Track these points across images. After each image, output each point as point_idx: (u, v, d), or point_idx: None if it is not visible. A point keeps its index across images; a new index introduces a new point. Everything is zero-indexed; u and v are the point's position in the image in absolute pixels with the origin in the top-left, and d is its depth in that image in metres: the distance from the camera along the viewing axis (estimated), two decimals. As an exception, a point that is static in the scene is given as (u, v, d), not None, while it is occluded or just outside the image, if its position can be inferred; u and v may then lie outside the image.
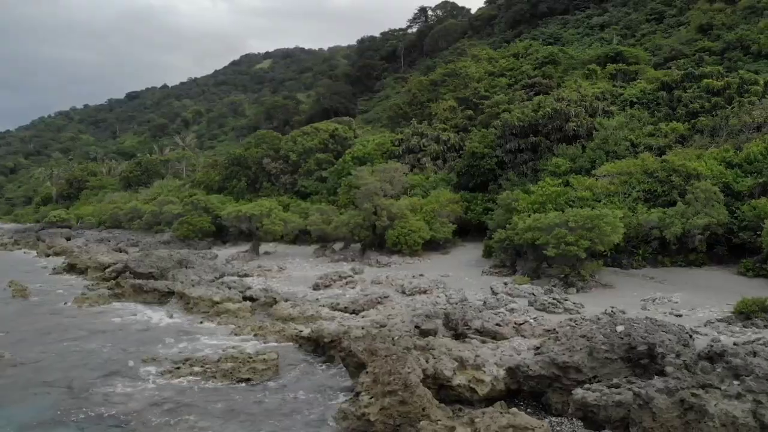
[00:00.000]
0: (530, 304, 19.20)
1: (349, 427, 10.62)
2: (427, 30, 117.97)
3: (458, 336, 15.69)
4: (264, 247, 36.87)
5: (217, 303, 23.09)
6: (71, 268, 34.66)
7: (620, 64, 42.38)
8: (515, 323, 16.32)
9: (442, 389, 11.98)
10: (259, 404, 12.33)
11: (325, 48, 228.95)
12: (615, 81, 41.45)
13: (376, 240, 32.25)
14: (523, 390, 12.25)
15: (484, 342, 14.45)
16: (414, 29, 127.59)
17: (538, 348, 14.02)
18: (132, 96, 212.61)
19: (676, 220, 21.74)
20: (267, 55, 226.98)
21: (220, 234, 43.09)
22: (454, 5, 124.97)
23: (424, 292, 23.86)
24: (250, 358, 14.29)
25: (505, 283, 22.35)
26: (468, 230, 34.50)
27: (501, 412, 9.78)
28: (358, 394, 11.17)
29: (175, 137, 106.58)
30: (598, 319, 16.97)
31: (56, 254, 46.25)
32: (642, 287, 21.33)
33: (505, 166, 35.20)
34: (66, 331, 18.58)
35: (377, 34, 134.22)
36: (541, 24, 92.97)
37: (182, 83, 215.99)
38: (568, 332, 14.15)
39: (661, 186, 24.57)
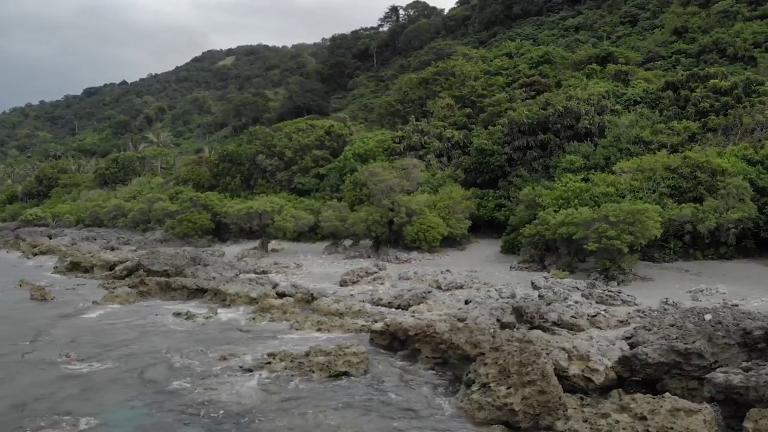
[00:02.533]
0: (585, 296, 19.53)
1: (487, 418, 10.61)
2: (399, 29, 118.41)
3: (534, 329, 15.83)
4: (270, 245, 36.42)
5: (254, 299, 22.80)
6: (74, 267, 33.50)
7: (619, 65, 43.33)
8: (588, 315, 16.60)
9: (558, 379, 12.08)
10: (373, 397, 12.17)
11: (289, 45, 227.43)
12: (609, 81, 42.45)
13: (392, 236, 32.21)
14: (632, 378, 12.48)
15: (572, 334, 14.64)
16: (385, 28, 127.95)
17: (629, 338, 14.30)
18: (90, 92, 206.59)
19: (710, 215, 22.42)
20: (230, 52, 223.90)
21: (219, 231, 42.35)
22: (426, 5, 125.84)
23: (461, 287, 24.01)
24: (341, 351, 14.09)
25: (545, 278, 22.62)
26: (479, 226, 34.83)
27: (655, 397, 9.92)
28: (485, 385, 11.17)
29: (148, 134, 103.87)
30: (665, 309, 17.43)
31: (42, 253, 44.67)
32: (680, 280, 21.95)
33: (514, 163, 35.64)
34: (119, 332, 17.94)
35: (344, 32, 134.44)
36: (516, 25, 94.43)
37: (142, 79, 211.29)
38: (656, 322, 14.46)
39: (686, 182, 25.28)
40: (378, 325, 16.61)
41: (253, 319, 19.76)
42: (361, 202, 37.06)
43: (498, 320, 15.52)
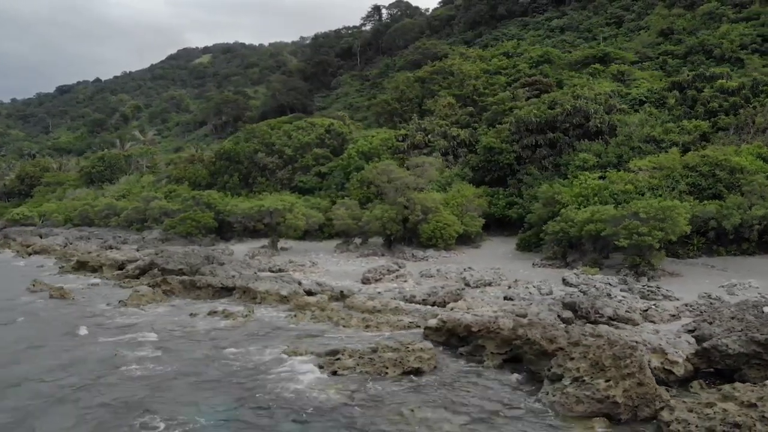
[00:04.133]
0: (624, 292, 19.77)
1: (587, 411, 10.67)
2: (383, 28, 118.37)
3: (590, 324, 15.98)
4: (279, 243, 36.12)
5: (285, 297, 22.61)
6: (81, 267, 32.78)
7: (617, 65, 43.92)
8: (640, 310, 16.81)
9: (639, 372, 12.21)
10: (455, 393, 12.14)
11: (266, 44, 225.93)
12: (611, 80, 43.04)
13: (407, 234, 32.20)
14: (706, 370, 12.69)
15: (634, 328, 14.82)
16: (368, 27, 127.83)
17: (692, 331, 14.54)
18: (63, 90, 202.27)
19: (734, 212, 22.88)
20: (206, 50, 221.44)
21: (221, 230, 41.85)
22: (408, 4, 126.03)
23: (489, 284, 24.16)
24: (408, 348, 14.04)
25: (576, 274, 22.84)
26: (489, 225, 35.01)
27: (756, 386, 10.08)
28: (577, 379, 11.24)
29: (135, 132, 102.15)
30: (710, 303, 17.74)
31: (36, 253, 43.69)
32: (709, 275, 22.36)
33: (523, 161, 35.91)
34: (162, 331, 17.59)
35: (322, 31, 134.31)
36: (501, 26, 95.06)
37: (116, 77, 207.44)
38: (715, 315, 14.75)
39: (705, 180, 25.76)
40: (433, 322, 16.57)
41: (295, 316, 19.55)
42: (368, 200, 37.02)
43: (558, 316, 15.61)
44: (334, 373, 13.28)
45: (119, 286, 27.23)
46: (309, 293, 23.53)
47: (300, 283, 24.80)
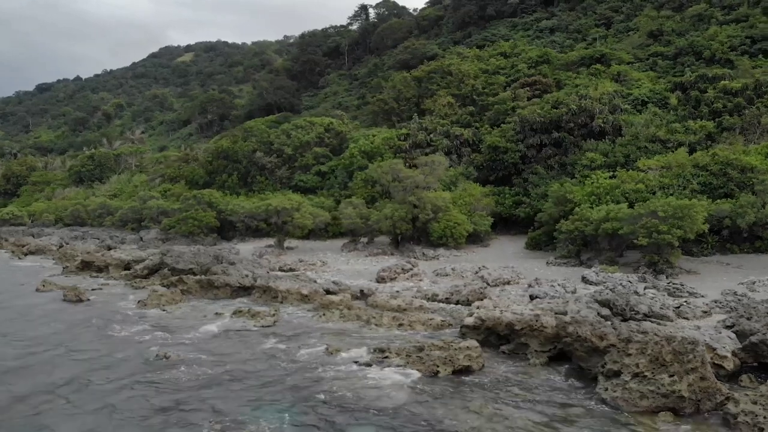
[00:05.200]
0: (651, 289, 20.01)
1: (652, 405, 10.83)
2: (370, 28, 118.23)
3: (625, 321, 16.16)
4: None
5: (306, 296, 22.56)
6: (86, 267, 32.30)
7: (617, 66, 44.42)
8: (673, 307, 17.05)
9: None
10: (512, 390, 12.23)
11: (249, 42, 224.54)
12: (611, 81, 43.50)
13: (416, 233, 32.27)
14: (751, 364, 12.97)
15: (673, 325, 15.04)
16: (355, 26, 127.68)
17: (730, 326, 14.79)
18: (43, 88, 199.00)
19: (749, 210, 23.31)
20: (188, 48, 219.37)
21: (222, 230, 41.55)
22: (395, 4, 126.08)
23: (508, 282, 24.29)
24: (455, 346, 14.09)
25: (596, 273, 23.06)
26: (495, 223, 35.19)
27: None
28: (637, 374, 11.39)
29: (125, 131, 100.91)
30: (739, 300, 18.03)
31: (31, 253, 43.02)
32: (725, 272, 22.73)
33: (528, 160, 36.17)
34: (193, 330, 17.46)
35: (305, 30, 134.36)
36: (490, 26, 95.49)
37: (97, 75, 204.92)
38: (752, 311, 15.01)
39: (716, 179, 26.19)
40: (470, 320, 16.63)
41: (323, 315, 19.50)
42: (373, 199, 37.01)
43: (598, 313, 15.77)
44: (386, 370, 13.29)
45: (131, 286, 26.90)
46: (327, 292, 23.53)
47: (315, 282, 24.80)
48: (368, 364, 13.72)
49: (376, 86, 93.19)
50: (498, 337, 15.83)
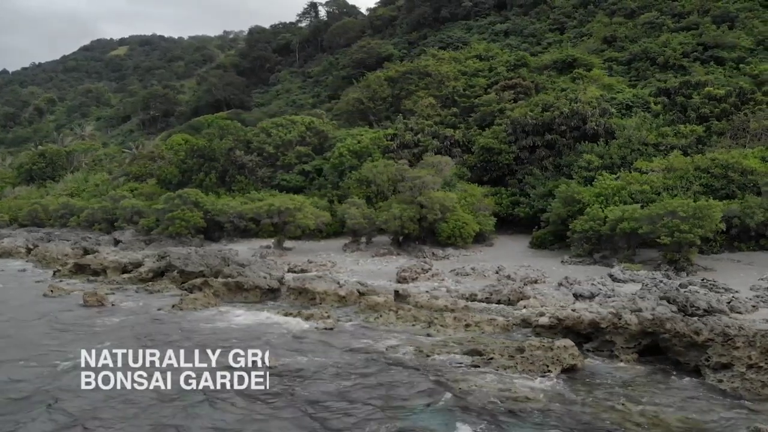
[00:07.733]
0: (682, 286, 21.04)
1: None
2: (322, 26, 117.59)
3: (688, 316, 16.99)
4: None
5: (343, 297, 22.47)
6: (80, 270, 30.81)
7: (593, 71, 46.05)
8: (726, 302, 18.04)
9: None
10: (632, 386, 12.71)
11: (186, 36, 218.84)
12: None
13: (422, 233, 32.54)
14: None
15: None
16: (304, 24, 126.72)
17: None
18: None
19: (757, 210, 24.85)
20: (122, 42, 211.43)
21: (208, 230, 40.49)
22: (346, 3, 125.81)
23: (536, 281, 24.93)
24: (554, 346, 14.43)
25: (621, 271, 23.98)
26: (495, 223, 35.88)
27: None
28: (752, 366, 12.11)
29: (75, 128, 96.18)
30: (763, 294, 19.24)
31: (-1, 257, 40.66)
32: (739, 269, 24.13)
33: (521, 161, 37.09)
34: (264, 337, 17.04)
35: (253, 26, 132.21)
36: (445, 28, 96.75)
37: (25, 68, 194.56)
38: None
39: (717, 181, 27.75)
40: (544, 320, 17.03)
41: (380, 316, 19.45)
42: (369, 199, 37.05)
43: (671, 310, 16.51)
44: (497, 371, 13.49)
45: (144, 290, 25.89)
46: (360, 294, 23.47)
47: (340, 284, 24.66)
48: (475, 366, 13.87)
49: (331, 84, 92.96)
50: (576, 335, 16.31)
